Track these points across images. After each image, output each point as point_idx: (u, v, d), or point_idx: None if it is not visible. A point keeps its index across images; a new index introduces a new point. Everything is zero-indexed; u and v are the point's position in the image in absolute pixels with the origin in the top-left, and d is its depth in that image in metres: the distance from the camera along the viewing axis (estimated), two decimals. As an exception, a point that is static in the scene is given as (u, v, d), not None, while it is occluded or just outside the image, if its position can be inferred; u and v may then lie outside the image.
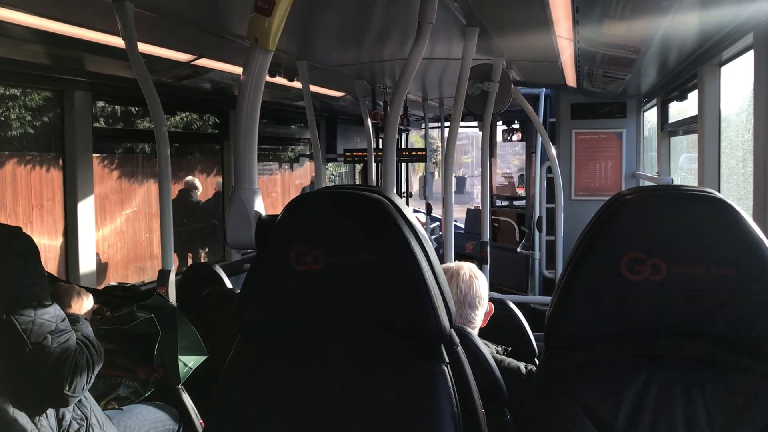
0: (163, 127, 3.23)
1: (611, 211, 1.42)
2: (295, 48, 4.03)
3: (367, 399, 1.50)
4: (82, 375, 1.93)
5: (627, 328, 1.40)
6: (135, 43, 2.92)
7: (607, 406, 1.37)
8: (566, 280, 1.44)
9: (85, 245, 3.83)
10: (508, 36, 3.74)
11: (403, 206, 1.61)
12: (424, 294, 1.49)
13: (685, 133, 4.71)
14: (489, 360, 2.24)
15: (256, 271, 1.58)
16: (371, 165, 6.17)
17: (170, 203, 3.34)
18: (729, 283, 1.34)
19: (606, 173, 6.30)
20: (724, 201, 1.36)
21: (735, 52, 3.10)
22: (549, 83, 6.36)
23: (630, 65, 4.03)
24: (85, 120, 3.81)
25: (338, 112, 7.61)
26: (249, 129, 1.72)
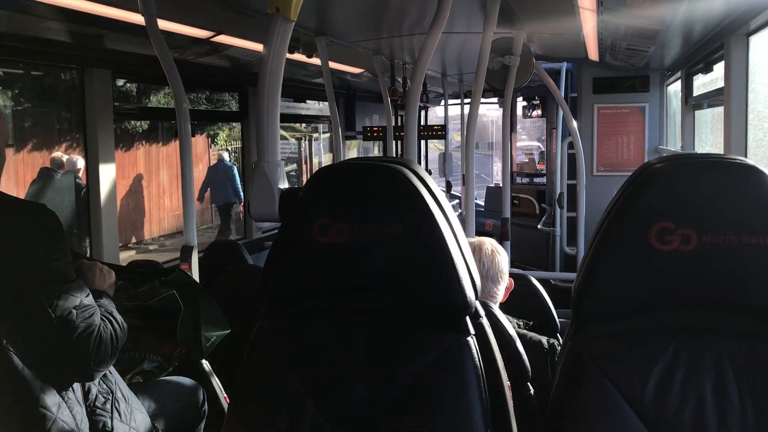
0: (184, 104, 3.23)
1: (639, 181, 1.39)
2: (314, 23, 4.00)
3: (393, 371, 1.49)
4: (106, 349, 1.94)
5: (656, 299, 1.38)
6: (155, 19, 2.91)
7: (635, 378, 1.36)
8: (593, 251, 1.42)
9: (108, 223, 3.86)
10: (530, 8, 3.69)
11: (427, 177, 1.59)
12: (449, 265, 1.48)
13: (710, 107, 4.62)
14: (512, 333, 2.23)
15: (280, 244, 1.58)
16: (391, 142, 6.15)
17: (192, 180, 3.35)
18: (761, 252, 1.31)
19: (628, 148, 6.22)
20: (756, 168, 1.33)
21: (764, 20, 3.02)
22: (570, 57, 6.27)
23: (654, 37, 3.96)
24: (105, 98, 3.82)
25: (357, 89, 7.57)
26: (271, 101, 1.71)
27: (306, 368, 1.53)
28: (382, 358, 1.51)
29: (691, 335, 1.37)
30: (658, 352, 1.36)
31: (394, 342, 1.51)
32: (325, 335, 1.55)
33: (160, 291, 2.52)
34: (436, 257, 1.49)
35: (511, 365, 2.05)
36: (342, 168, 1.61)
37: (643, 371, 1.36)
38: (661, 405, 1.34)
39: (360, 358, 1.52)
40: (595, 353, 1.40)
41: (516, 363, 2.19)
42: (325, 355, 1.54)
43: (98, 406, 2.03)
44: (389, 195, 1.51)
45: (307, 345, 1.55)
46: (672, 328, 1.38)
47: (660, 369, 1.35)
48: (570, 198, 6.39)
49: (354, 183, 1.54)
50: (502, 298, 2.49)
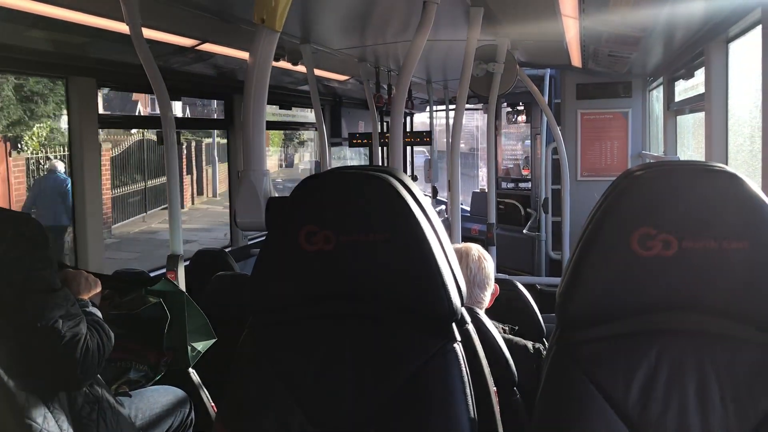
0: (169, 113, 3.22)
1: (621, 187, 1.42)
2: (299, 31, 4.01)
3: (380, 378, 1.50)
4: (93, 359, 1.93)
5: (639, 303, 1.40)
6: (139, 28, 2.91)
7: (619, 382, 1.37)
8: (577, 257, 1.43)
9: (93, 231, 3.84)
10: (513, 16, 3.72)
11: (413, 186, 1.61)
12: (435, 273, 1.49)
13: (692, 112, 4.68)
14: (498, 339, 2.25)
15: (267, 252, 1.58)
16: (377, 148, 6.16)
17: (177, 188, 3.35)
18: (741, 257, 1.33)
19: (612, 153, 6.28)
20: (735, 175, 1.35)
21: (742, 28, 3.07)
22: (554, 64, 6.33)
23: (636, 44, 4.00)
24: (90, 106, 3.81)
25: (342, 96, 7.58)
26: (257, 110, 1.72)
27: (293, 376, 1.54)
28: (369, 365, 1.52)
29: (674, 339, 1.39)
30: (642, 355, 1.38)
31: (381, 349, 1.52)
32: (312, 343, 1.56)
33: (146, 300, 2.51)
34: (421, 265, 1.50)
35: (498, 370, 2.07)
36: (328, 176, 1.62)
37: (627, 375, 1.38)
38: (644, 408, 1.36)
39: (347, 365, 1.53)
40: (579, 357, 1.41)
41: (502, 368, 2.21)
42: (312, 362, 1.54)
43: (84, 415, 2.02)
44: (375, 203, 1.52)
45: (294, 353, 1.56)
46: (655, 332, 1.40)
47: (643, 372, 1.37)
48: (555, 203, 6.43)
49: (340, 191, 1.56)
50: (488, 304, 2.51)
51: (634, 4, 2.86)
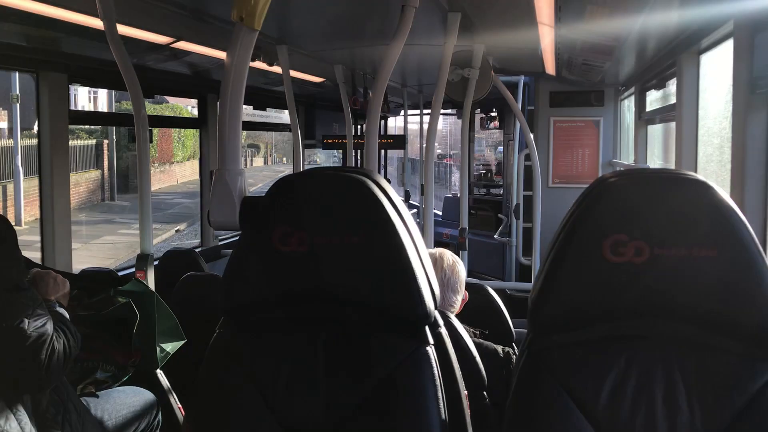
0: (142, 110, 3.19)
1: (594, 195, 1.43)
2: (275, 31, 3.99)
3: (353, 380, 1.50)
4: (59, 360, 1.90)
5: (609, 309, 1.42)
6: (114, 24, 2.87)
7: (589, 387, 1.39)
8: (549, 262, 1.44)
9: (61, 231, 3.78)
10: (490, 22, 3.74)
11: (388, 188, 1.61)
12: (409, 275, 1.49)
13: (662, 122, 4.75)
14: (469, 343, 2.26)
15: (240, 252, 1.57)
16: (350, 151, 6.16)
17: (149, 185, 3.31)
18: (710, 263, 1.35)
19: (583, 161, 6.35)
20: (705, 183, 1.37)
21: (714, 40, 3.12)
22: (528, 71, 6.38)
23: (609, 53, 4.05)
24: (60, 102, 3.74)
25: (317, 98, 7.56)
26: (233, 109, 1.71)
27: (264, 378, 1.53)
28: (341, 366, 1.51)
29: (644, 345, 1.41)
30: (612, 361, 1.40)
31: (354, 351, 1.52)
32: (284, 344, 1.54)
33: (115, 300, 2.48)
34: (396, 267, 1.50)
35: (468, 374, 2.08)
36: (304, 177, 1.61)
37: (597, 380, 1.39)
38: (613, 413, 1.37)
39: (319, 367, 1.52)
40: (550, 362, 1.42)
41: (472, 371, 2.22)
42: (284, 364, 1.53)
43: (49, 418, 1.98)
44: (350, 205, 1.52)
45: (266, 354, 1.54)
46: (625, 338, 1.42)
47: (613, 378, 1.39)
48: (526, 209, 6.48)
49: (315, 192, 1.55)
50: (458, 309, 2.53)
51: (609, 15, 2.90)
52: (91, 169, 18.08)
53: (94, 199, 18.21)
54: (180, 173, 23.02)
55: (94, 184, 18.25)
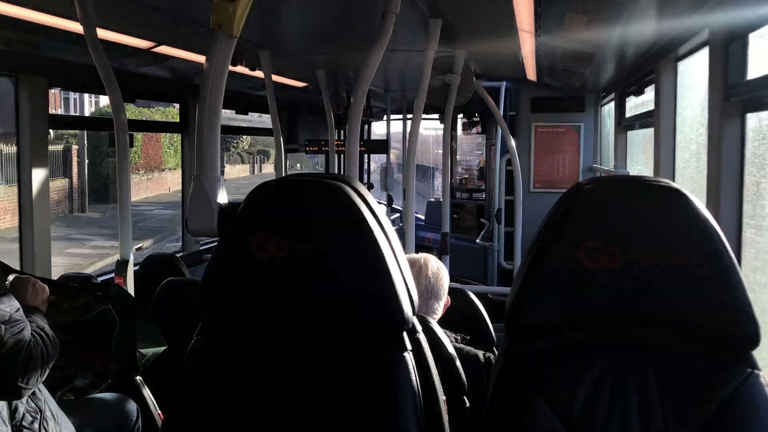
0: (122, 115, 3.18)
1: (570, 201, 1.45)
2: (257, 36, 3.99)
3: (330, 386, 1.50)
4: (36, 367, 1.89)
5: (585, 315, 1.43)
6: (94, 28, 2.86)
7: (565, 393, 1.40)
8: (526, 269, 1.46)
9: (40, 236, 3.74)
10: (471, 29, 3.77)
11: (366, 194, 1.61)
12: (387, 282, 1.50)
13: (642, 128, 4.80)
14: (449, 348, 2.26)
15: (218, 259, 1.57)
16: (333, 156, 6.16)
17: (129, 191, 3.30)
18: (683, 270, 1.38)
19: (564, 166, 6.40)
20: (678, 190, 1.39)
21: (691, 47, 3.16)
22: (510, 77, 6.42)
23: (589, 60, 4.09)
24: (40, 106, 3.72)
25: (300, 103, 7.56)
26: (212, 116, 1.71)
27: (243, 385, 1.53)
28: (319, 373, 1.51)
29: (618, 352, 1.42)
30: (587, 367, 1.41)
31: (332, 357, 1.52)
32: (263, 351, 1.54)
33: (94, 306, 2.47)
34: (374, 273, 1.50)
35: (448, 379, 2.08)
36: (282, 183, 1.62)
37: (573, 386, 1.41)
38: (589, 419, 1.38)
39: (297, 373, 1.52)
40: (527, 368, 1.44)
41: (453, 377, 2.22)
42: (262, 371, 1.53)
43: (25, 425, 1.96)
44: (329, 211, 1.52)
45: (244, 361, 1.54)
46: (600, 343, 1.43)
47: (588, 383, 1.40)
48: (508, 214, 6.51)
49: (294, 199, 1.55)
50: (440, 315, 2.54)
51: (588, 23, 2.93)
52: (57, 178, 16.35)
53: (60, 210, 16.59)
54: (173, 181, 20.37)
55: (61, 194, 16.67)
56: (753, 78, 2.39)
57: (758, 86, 2.30)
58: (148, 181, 19.94)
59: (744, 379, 1.37)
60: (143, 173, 19.64)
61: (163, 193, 20.47)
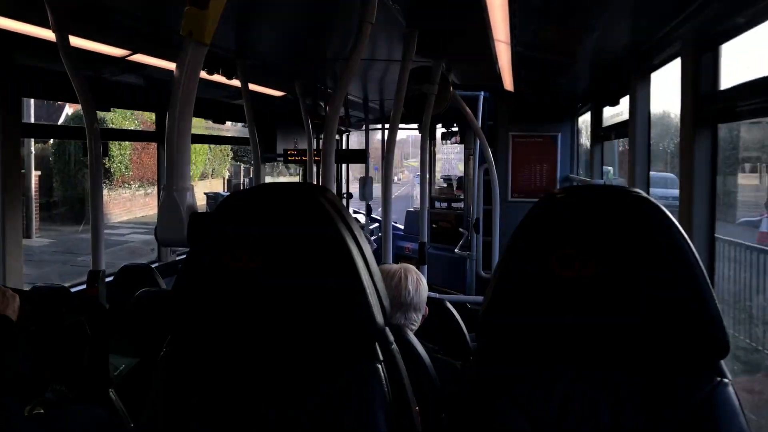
0: (95, 124, 3.14)
1: (542, 210, 1.45)
2: (233, 45, 3.98)
3: (302, 397, 1.49)
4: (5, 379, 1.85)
5: (557, 325, 1.43)
6: (67, 36, 2.84)
7: (537, 399, 1.40)
8: (498, 278, 1.46)
9: (12, 245, 3.69)
10: (448, 39, 3.78)
11: (340, 204, 1.60)
12: (358, 291, 1.49)
13: (617, 138, 4.85)
14: (425, 359, 2.26)
15: (188, 270, 1.55)
16: (311, 165, 6.15)
17: (101, 201, 3.26)
18: (655, 279, 1.38)
19: (542, 176, 6.44)
20: (650, 200, 1.40)
21: (663, 58, 3.20)
22: (487, 87, 6.46)
23: (565, 70, 4.14)
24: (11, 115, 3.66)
25: (278, 112, 7.54)
26: (182, 126, 1.69)
27: (214, 396, 1.51)
28: (290, 384, 1.50)
29: (590, 359, 1.43)
30: (560, 376, 1.42)
31: (303, 368, 1.51)
32: (234, 362, 1.53)
33: (66, 317, 2.43)
34: (345, 284, 1.49)
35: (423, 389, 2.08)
36: (255, 192, 1.60)
37: (546, 395, 1.41)
38: (561, 425, 1.39)
39: (269, 384, 1.51)
40: (500, 377, 1.44)
41: (428, 387, 2.21)
42: (233, 382, 1.52)
43: None
44: (300, 220, 1.51)
45: (216, 372, 1.53)
46: (572, 352, 1.44)
47: (561, 392, 1.40)
48: (486, 223, 6.54)
49: (266, 207, 1.54)
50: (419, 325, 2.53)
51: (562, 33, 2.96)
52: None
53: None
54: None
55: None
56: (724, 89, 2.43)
57: (730, 97, 2.33)
58: (145, 196, 15.90)
59: (713, 388, 1.38)
60: (138, 186, 15.83)
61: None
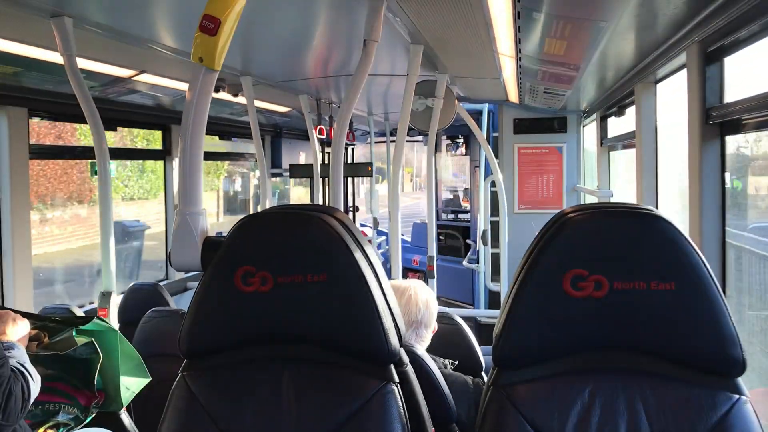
0: (103, 144, 3.16)
1: (554, 229, 1.45)
2: (239, 63, 4.00)
3: (317, 422, 1.48)
4: (16, 403, 1.85)
5: (571, 343, 1.43)
6: (74, 58, 2.86)
7: (553, 421, 1.40)
8: (512, 298, 1.46)
9: (21, 269, 3.70)
10: (452, 53, 3.80)
11: (351, 225, 1.61)
12: (373, 314, 1.49)
13: (624, 148, 4.84)
14: (437, 376, 2.25)
15: (202, 293, 1.55)
16: (317, 180, 6.16)
17: (111, 222, 3.27)
18: (669, 297, 1.38)
19: (548, 187, 6.43)
20: (661, 217, 1.40)
21: (669, 70, 3.20)
22: (492, 99, 6.47)
23: (570, 82, 4.13)
24: (20, 137, 3.69)
25: (283, 127, 7.56)
26: (194, 149, 1.70)
27: (229, 421, 1.51)
28: (307, 407, 1.50)
29: (606, 378, 1.42)
30: (575, 395, 1.41)
31: (319, 392, 1.51)
32: (249, 386, 1.53)
33: (77, 339, 2.43)
34: (360, 307, 1.49)
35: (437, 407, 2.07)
36: (266, 216, 1.61)
37: (562, 413, 1.40)
38: None
39: (285, 408, 1.50)
40: (515, 397, 1.43)
41: (441, 404, 2.21)
42: (249, 405, 1.52)
43: None
44: (313, 244, 1.51)
45: (230, 396, 1.53)
46: (588, 371, 1.43)
47: (577, 411, 1.40)
48: (493, 235, 6.52)
49: (278, 231, 1.54)
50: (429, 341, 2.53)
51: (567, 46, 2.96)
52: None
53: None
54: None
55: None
56: (731, 101, 2.42)
57: (736, 109, 2.33)
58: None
59: (732, 406, 1.38)
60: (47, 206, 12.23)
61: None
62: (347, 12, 2.92)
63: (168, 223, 5.69)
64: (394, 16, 2.84)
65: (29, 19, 2.72)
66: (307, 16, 3.06)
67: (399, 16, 2.86)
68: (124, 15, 2.88)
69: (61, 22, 2.70)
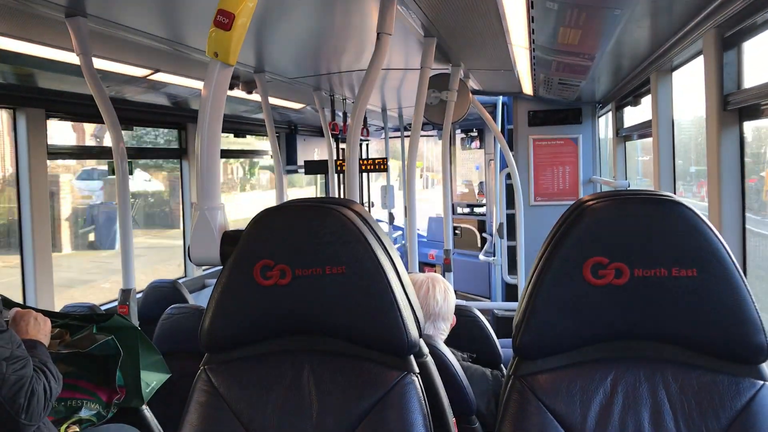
0: (121, 143, 3.18)
1: (573, 218, 1.44)
2: (253, 60, 4.01)
3: (339, 413, 1.49)
4: (39, 402, 1.87)
5: (593, 332, 1.43)
6: (90, 58, 2.88)
7: (576, 410, 1.39)
8: (531, 287, 1.45)
9: (42, 267, 3.74)
10: (465, 46, 3.79)
11: (369, 217, 1.61)
12: (392, 305, 1.49)
13: (640, 138, 4.81)
14: (457, 368, 2.25)
15: (221, 288, 1.56)
16: (332, 175, 6.17)
17: (130, 220, 3.29)
18: (691, 283, 1.37)
19: (564, 178, 6.39)
20: (681, 203, 1.39)
21: (685, 57, 3.17)
22: (506, 91, 6.44)
23: (585, 72, 4.10)
24: (39, 137, 3.73)
25: (298, 123, 7.58)
26: (211, 144, 1.70)
27: (251, 413, 1.52)
28: (328, 398, 1.51)
29: (628, 366, 1.41)
30: (597, 383, 1.40)
31: (340, 382, 1.51)
32: (270, 379, 1.54)
33: (97, 337, 2.45)
34: (379, 299, 1.50)
35: (457, 399, 2.07)
36: (284, 209, 1.61)
37: (584, 403, 1.40)
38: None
39: (306, 400, 1.51)
40: (536, 387, 1.43)
41: (461, 396, 2.21)
42: (270, 398, 1.52)
43: None
44: (331, 236, 1.52)
45: (251, 389, 1.53)
46: (609, 359, 1.42)
47: (599, 400, 1.39)
48: (509, 227, 6.50)
49: (296, 224, 1.55)
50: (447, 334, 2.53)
51: (582, 35, 2.94)
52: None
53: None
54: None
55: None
56: (749, 87, 2.40)
57: (754, 94, 2.30)
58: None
59: (756, 392, 1.36)
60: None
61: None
62: (360, 5, 2.92)
63: (185, 220, 5.73)
64: (407, 9, 2.84)
65: (45, 20, 2.74)
66: (319, 11, 3.06)
67: (411, 8, 2.85)
68: (138, 14, 2.90)
69: (75, 22, 2.72)
